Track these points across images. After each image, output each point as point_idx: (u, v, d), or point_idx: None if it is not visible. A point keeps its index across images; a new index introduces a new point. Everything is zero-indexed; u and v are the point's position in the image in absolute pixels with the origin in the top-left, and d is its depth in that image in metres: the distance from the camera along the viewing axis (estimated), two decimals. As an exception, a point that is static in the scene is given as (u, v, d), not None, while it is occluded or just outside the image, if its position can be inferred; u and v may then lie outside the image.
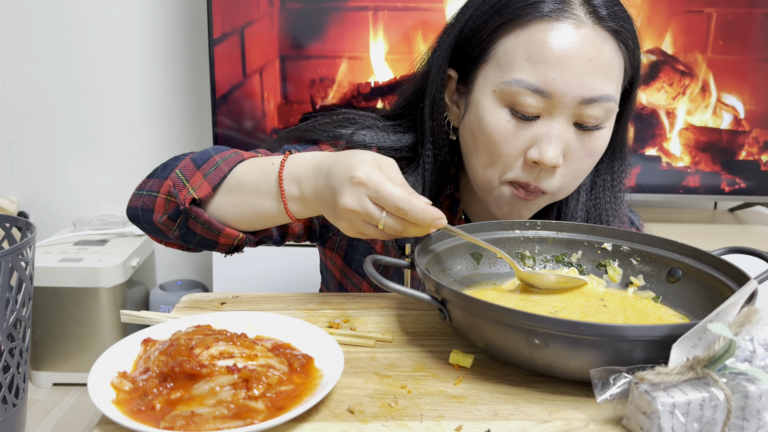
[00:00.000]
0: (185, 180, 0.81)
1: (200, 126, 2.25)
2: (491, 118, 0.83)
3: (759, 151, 1.92)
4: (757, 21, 1.84)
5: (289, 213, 0.77)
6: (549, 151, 0.80)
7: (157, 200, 0.83)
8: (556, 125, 0.81)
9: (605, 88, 0.80)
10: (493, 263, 0.81)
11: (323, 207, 0.74)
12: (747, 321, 0.53)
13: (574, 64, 0.79)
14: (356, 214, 0.68)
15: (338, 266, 1.00)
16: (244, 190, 0.78)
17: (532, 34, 0.80)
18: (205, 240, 0.82)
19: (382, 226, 0.68)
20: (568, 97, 0.79)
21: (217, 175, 0.79)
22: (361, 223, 0.70)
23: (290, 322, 0.67)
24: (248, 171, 0.79)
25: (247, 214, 0.79)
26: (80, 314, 1.99)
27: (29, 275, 1.49)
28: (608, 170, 0.96)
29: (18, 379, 1.49)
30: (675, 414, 0.50)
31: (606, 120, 0.83)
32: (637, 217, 1.07)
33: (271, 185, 0.76)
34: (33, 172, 2.30)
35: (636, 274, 0.79)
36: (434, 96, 0.89)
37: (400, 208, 0.66)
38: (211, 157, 0.82)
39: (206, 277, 2.36)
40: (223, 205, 0.80)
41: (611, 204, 0.96)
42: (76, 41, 2.19)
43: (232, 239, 0.81)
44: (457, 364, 0.64)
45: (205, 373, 0.54)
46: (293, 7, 1.84)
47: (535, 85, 0.79)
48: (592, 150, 0.84)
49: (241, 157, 0.82)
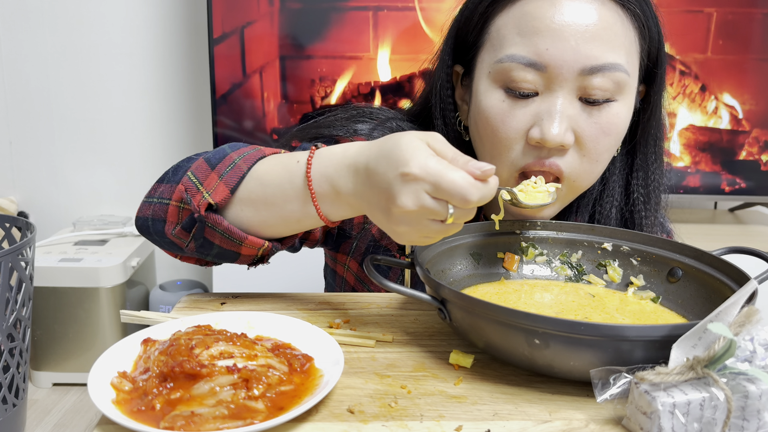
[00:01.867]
0: (199, 183, 0.71)
1: (200, 126, 2.25)
2: (486, 101, 0.78)
3: (759, 151, 1.92)
4: (757, 21, 1.84)
5: (322, 216, 0.67)
6: (553, 128, 0.74)
7: (169, 209, 0.73)
8: (557, 100, 0.75)
9: (609, 57, 0.74)
10: (493, 263, 0.81)
11: (368, 209, 0.64)
12: (747, 321, 0.53)
13: (567, 31, 0.73)
14: (417, 213, 0.59)
15: (353, 271, 0.94)
16: (268, 193, 0.69)
17: (522, 7, 0.75)
18: (225, 251, 0.73)
19: (452, 220, 0.59)
20: (564, 67, 0.73)
21: (234, 176, 0.70)
22: (424, 222, 0.60)
23: (290, 322, 0.67)
24: (270, 170, 0.69)
25: (273, 219, 0.70)
26: (80, 314, 1.99)
27: (29, 275, 1.48)
28: (642, 167, 0.88)
29: (18, 379, 1.49)
30: (675, 414, 0.50)
31: (618, 93, 0.76)
32: (668, 222, 0.98)
33: (298, 186, 0.67)
34: (33, 172, 2.30)
35: (636, 274, 0.79)
36: (441, 94, 0.85)
37: (467, 200, 0.57)
38: (227, 155, 0.72)
39: (206, 277, 2.36)
40: (245, 211, 0.70)
41: (644, 204, 0.88)
42: (76, 41, 2.19)
43: (256, 249, 0.72)
44: (457, 364, 0.64)
45: (205, 373, 0.54)
46: (293, 6, 1.84)
47: (527, 57, 0.74)
48: (606, 127, 0.76)
49: (261, 153, 0.72)
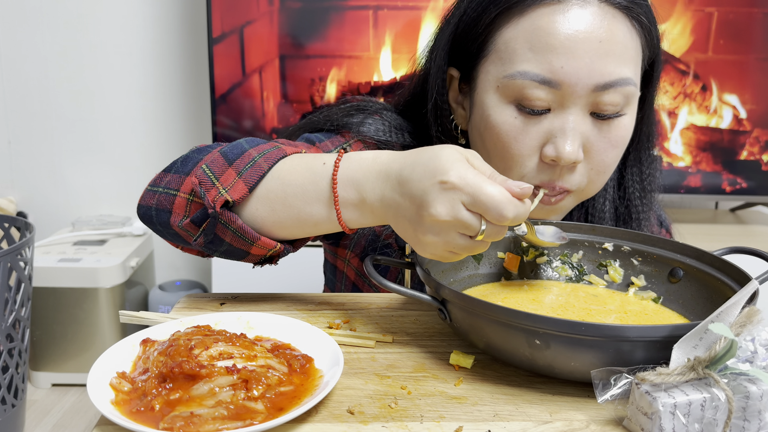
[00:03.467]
0: (214, 178, 0.68)
1: (199, 125, 2.25)
2: (497, 116, 0.77)
3: (760, 151, 1.91)
4: (757, 20, 1.84)
5: (341, 222, 0.66)
6: (567, 146, 0.74)
7: (176, 200, 0.72)
8: (570, 117, 0.75)
9: (621, 71, 0.74)
10: (493, 263, 0.81)
11: (394, 218, 0.63)
12: (748, 321, 0.52)
13: (582, 48, 0.72)
14: (449, 224, 0.58)
15: (354, 267, 0.93)
16: (288, 193, 0.67)
17: (533, 21, 0.74)
18: (235, 249, 0.71)
19: (482, 237, 0.58)
20: (579, 85, 0.73)
21: (254, 174, 0.68)
22: (453, 235, 0.59)
23: (290, 323, 0.67)
24: (293, 170, 0.68)
25: (289, 221, 0.69)
26: (79, 314, 1.99)
27: (28, 275, 1.48)
28: (636, 162, 0.89)
29: (17, 379, 1.49)
30: (676, 414, 0.50)
31: (626, 106, 0.76)
32: (666, 216, 1.00)
33: (322, 188, 0.66)
34: (32, 172, 2.30)
35: (637, 275, 0.79)
36: (436, 99, 0.84)
37: (503, 215, 0.56)
38: (246, 152, 0.70)
39: (205, 277, 2.35)
40: (260, 210, 0.69)
41: (640, 200, 0.89)
42: (76, 41, 2.19)
43: (267, 250, 0.71)
44: (458, 364, 0.64)
45: (205, 373, 0.54)
46: (293, 6, 1.84)
47: (541, 75, 0.73)
48: (615, 140, 0.77)
49: (282, 152, 0.70)
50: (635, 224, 0.90)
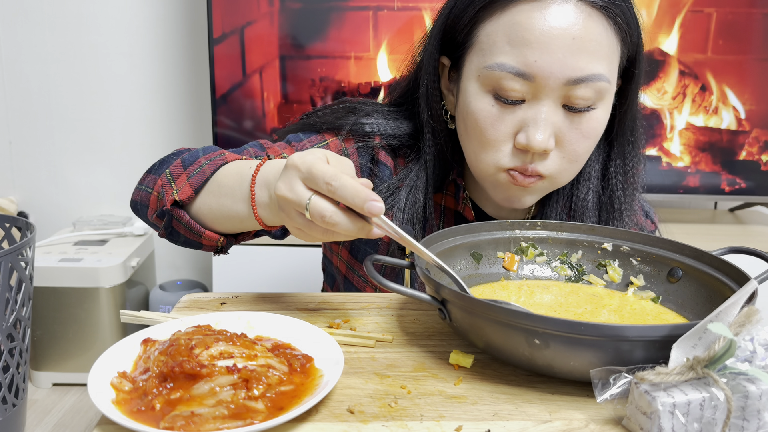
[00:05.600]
0: (172, 180, 0.82)
1: (200, 126, 2.25)
2: (476, 104, 0.82)
3: (759, 151, 1.92)
4: (757, 21, 1.84)
5: (258, 218, 0.74)
6: (537, 135, 0.79)
7: (151, 197, 0.85)
8: (543, 108, 0.79)
9: (593, 68, 0.78)
10: (493, 263, 0.81)
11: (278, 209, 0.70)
12: (747, 321, 0.53)
13: (555, 43, 0.76)
14: (287, 201, 0.64)
15: (344, 260, 0.99)
16: (221, 194, 0.78)
17: (513, 16, 0.78)
18: (190, 240, 0.83)
19: (308, 210, 0.62)
20: (551, 78, 0.77)
21: (199, 178, 0.79)
22: (292, 212, 0.65)
23: (290, 322, 0.67)
24: (228, 174, 0.78)
25: (222, 217, 0.78)
26: (80, 314, 1.99)
27: (29, 275, 1.48)
28: (619, 155, 0.93)
29: (18, 379, 1.49)
30: (675, 414, 0.50)
31: (599, 100, 0.80)
32: (651, 208, 1.03)
33: (244, 189, 0.75)
34: (33, 172, 2.30)
35: (636, 274, 0.79)
36: (428, 85, 0.89)
37: (329, 183, 0.60)
38: (198, 159, 0.82)
39: (206, 277, 2.36)
40: (202, 208, 0.80)
41: (623, 191, 0.93)
42: (76, 41, 2.19)
43: (213, 242, 0.81)
44: (457, 364, 0.64)
45: (205, 373, 0.54)
46: (293, 6, 1.84)
47: (516, 68, 0.77)
48: (586, 132, 0.81)
49: (224, 159, 0.81)
50: (617, 214, 0.93)
